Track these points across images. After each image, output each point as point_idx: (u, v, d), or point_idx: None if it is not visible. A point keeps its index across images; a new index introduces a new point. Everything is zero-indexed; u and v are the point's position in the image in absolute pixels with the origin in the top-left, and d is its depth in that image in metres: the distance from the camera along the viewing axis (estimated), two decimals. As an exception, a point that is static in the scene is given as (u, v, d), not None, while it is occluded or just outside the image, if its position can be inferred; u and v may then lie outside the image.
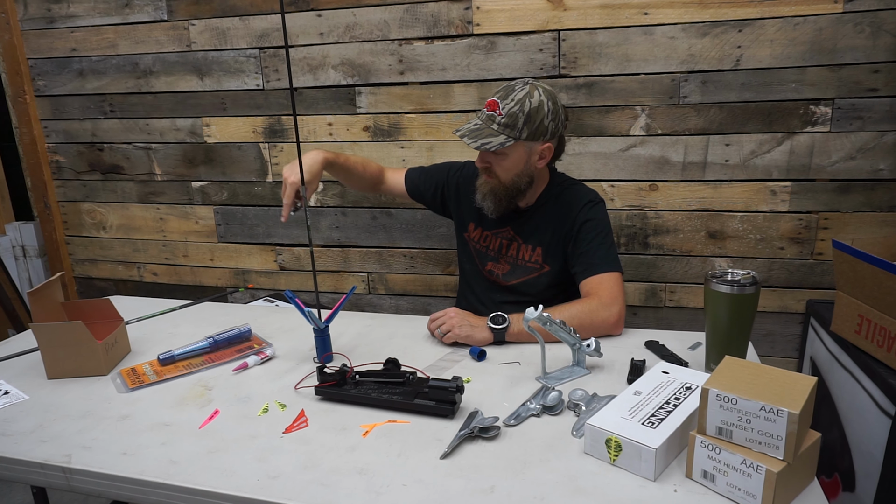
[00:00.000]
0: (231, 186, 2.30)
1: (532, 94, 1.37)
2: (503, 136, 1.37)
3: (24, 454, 1.01)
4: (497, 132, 1.38)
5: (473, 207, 1.56)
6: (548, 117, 1.39)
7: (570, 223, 1.48)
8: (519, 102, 1.36)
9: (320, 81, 2.09)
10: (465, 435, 0.98)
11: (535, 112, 1.37)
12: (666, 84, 1.83)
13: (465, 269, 1.69)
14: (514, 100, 1.37)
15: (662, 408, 0.95)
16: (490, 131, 1.38)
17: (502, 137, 1.37)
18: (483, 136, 1.38)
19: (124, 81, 2.28)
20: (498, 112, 1.37)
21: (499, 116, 1.37)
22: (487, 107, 1.40)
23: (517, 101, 1.36)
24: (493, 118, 1.38)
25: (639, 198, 1.93)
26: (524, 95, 1.37)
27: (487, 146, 1.37)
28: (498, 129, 1.38)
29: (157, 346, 1.41)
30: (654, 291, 1.99)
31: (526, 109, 1.36)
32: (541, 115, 1.38)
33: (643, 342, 1.34)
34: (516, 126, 1.37)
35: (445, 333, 1.34)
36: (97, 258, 2.54)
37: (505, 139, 1.37)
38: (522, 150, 1.41)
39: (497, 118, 1.37)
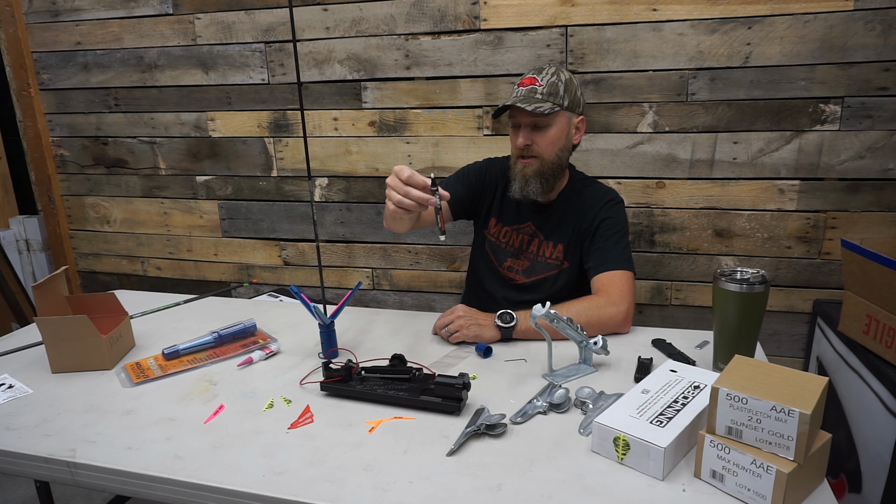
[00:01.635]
0: (236, 181, 2.30)
1: (561, 70, 1.45)
2: (549, 103, 1.40)
3: (28, 448, 1.01)
4: (542, 101, 1.40)
5: (495, 203, 1.58)
6: (578, 90, 1.46)
7: (590, 219, 1.48)
8: (555, 75, 1.42)
9: (326, 76, 2.08)
10: (472, 432, 0.98)
11: (570, 82, 1.43)
12: (674, 81, 1.81)
13: (478, 267, 1.65)
14: (549, 73, 1.42)
15: (671, 406, 0.94)
16: (536, 100, 1.39)
17: (549, 105, 1.39)
18: (533, 103, 1.39)
19: (129, 75, 2.28)
20: (538, 84, 1.41)
21: (540, 87, 1.40)
22: (524, 83, 1.42)
23: (552, 73, 1.42)
24: (534, 91, 1.41)
25: (646, 195, 1.92)
26: (556, 70, 1.44)
27: (541, 109, 1.38)
28: (543, 98, 1.40)
29: (161, 341, 1.41)
30: (660, 289, 1.98)
31: (563, 79, 1.42)
32: (574, 85, 1.45)
33: (650, 340, 1.33)
34: (559, 94, 1.41)
35: (453, 333, 1.32)
36: (101, 252, 2.54)
37: (552, 106, 1.39)
38: (564, 121, 1.44)
39: (538, 89, 1.40)
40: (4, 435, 1.05)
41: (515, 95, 1.43)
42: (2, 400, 1.17)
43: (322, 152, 2.17)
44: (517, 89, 1.43)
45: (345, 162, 2.16)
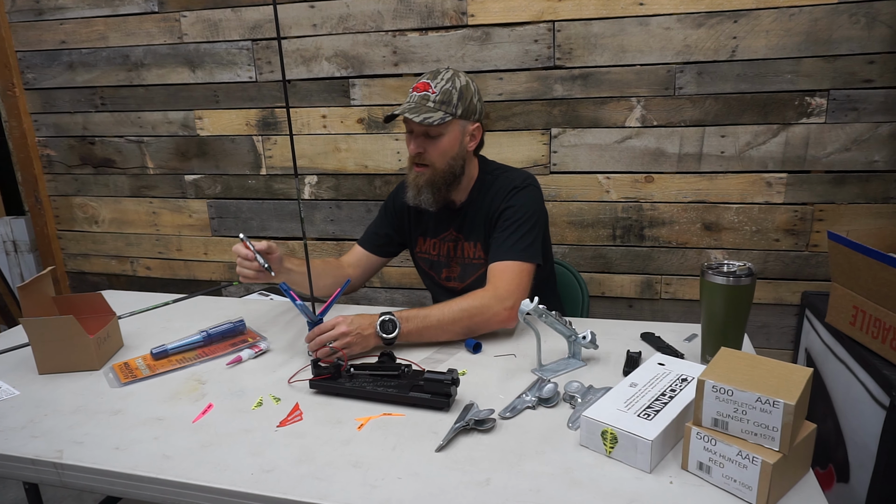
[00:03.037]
0: (224, 180, 2.29)
1: (458, 75, 1.39)
2: (440, 112, 1.34)
3: (14, 450, 1.00)
4: (434, 109, 1.35)
5: (417, 222, 1.54)
6: (475, 96, 1.40)
7: (493, 211, 1.43)
8: (450, 81, 1.36)
9: (314, 73, 2.08)
10: (461, 427, 0.98)
11: (466, 89, 1.37)
12: (661, 75, 1.82)
13: (428, 287, 1.66)
14: (444, 79, 1.36)
15: (658, 399, 0.95)
16: (427, 108, 1.35)
17: (440, 114, 1.34)
18: (423, 113, 1.34)
19: (115, 74, 2.26)
20: (431, 91, 1.35)
21: (433, 94, 1.35)
22: (417, 89, 1.37)
23: (447, 80, 1.36)
24: (427, 97, 1.35)
25: (634, 189, 1.93)
26: (451, 76, 1.37)
27: (430, 120, 1.33)
28: (434, 107, 1.35)
29: (150, 341, 1.40)
30: (649, 283, 1.99)
31: (458, 87, 1.36)
32: (470, 93, 1.38)
33: (639, 334, 1.33)
34: (451, 102, 1.35)
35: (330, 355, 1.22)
36: (90, 253, 2.53)
37: (443, 116, 1.34)
38: (457, 129, 1.39)
39: (431, 97, 1.35)
40: (-10, 437, 1.05)
41: (409, 101, 1.38)
42: (-12, 402, 1.16)
43: (311, 150, 2.16)
44: (411, 94, 1.38)
45: (334, 159, 2.16)
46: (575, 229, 2.01)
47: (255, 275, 1.34)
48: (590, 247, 2.01)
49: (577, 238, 2.01)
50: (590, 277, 2.03)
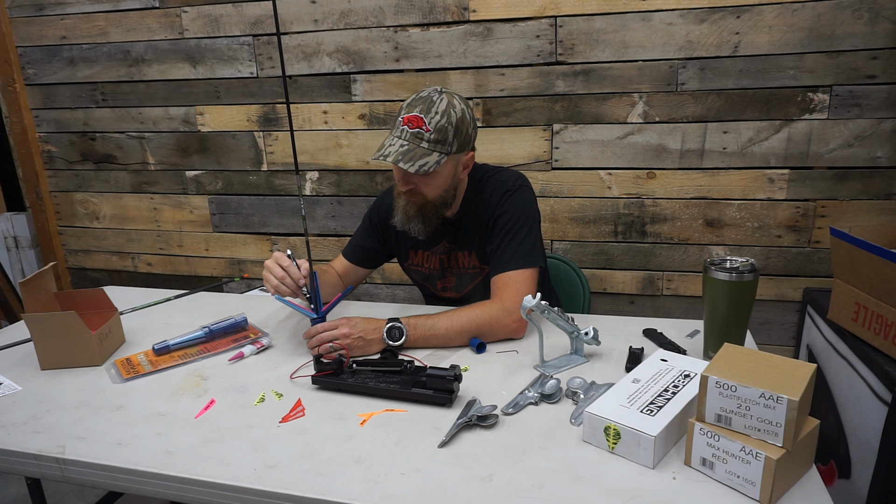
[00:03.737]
0: (226, 176, 2.28)
1: (453, 103, 1.27)
2: (436, 153, 1.25)
3: (17, 445, 1.00)
4: (429, 150, 1.25)
5: (406, 236, 1.45)
6: (470, 126, 1.31)
7: (486, 219, 1.38)
8: (444, 115, 1.25)
9: (315, 69, 2.07)
10: (463, 423, 0.98)
11: (461, 122, 1.27)
12: (664, 71, 1.81)
13: (423, 295, 1.64)
14: (439, 112, 1.25)
15: (661, 395, 0.95)
16: (422, 150, 1.25)
17: (436, 156, 1.25)
18: (418, 158, 1.24)
19: (116, 69, 2.25)
20: (424, 128, 1.24)
21: (427, 133, 1.24)
22: (409, 123, 1.25)
23: (442, 112, 1.25)
24: (421, 135, 1.25)
25: (636, 185, 1.92)
26: (447, 106, 1.26)
27: (426, 168, 1.24)
28: (429, 147, 1.25)
29: (152, 336, 1.40)
30: (651, 280, 1.99)
31: (454, 121, 1.26)
32: (465, 124, 1.29)
33: (641, 330, 1.33)
34: (447, 141, 1.26)
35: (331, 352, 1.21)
36: (91, 249, 2.53)
37: (439, 156, 1.25)
38: (451, 165, 1.31)
39: (425, 135, 1.24)
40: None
41: (399, 135, 1.27)
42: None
43: (312, 146, 2.16)
44: (401, 127, 1.27)
45: (335, 155, 2.15)
46: (576, 225, 2.01)
47: (292, 294, 1.27)
48: (591, 243, 2.01)
49: (579, 234, 2.01)
50: (591, 274, 2.02)
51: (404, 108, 1.29)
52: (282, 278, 1.26)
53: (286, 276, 1.26)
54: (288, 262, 1.27)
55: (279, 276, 1.26)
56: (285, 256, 1.29)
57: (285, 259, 1.28)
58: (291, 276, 1.26)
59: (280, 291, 1.27)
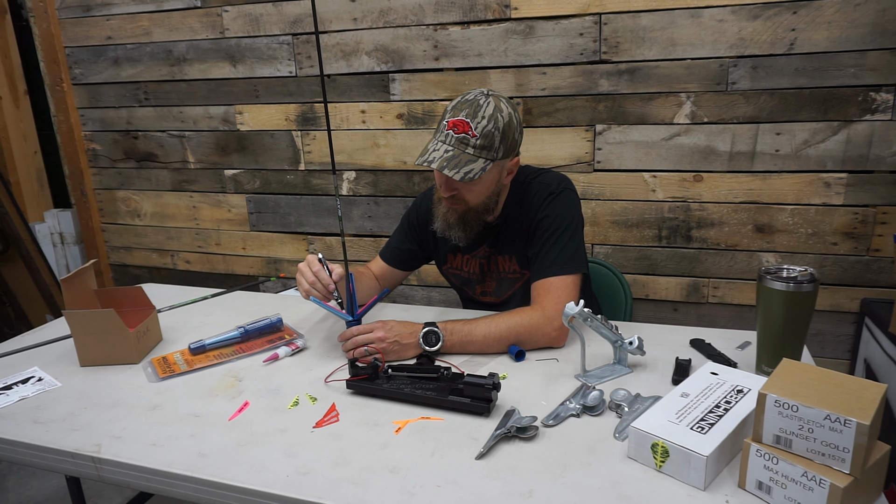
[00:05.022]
0: (263, 175, 2.29)
1: (500, 107, 1.23)
2: (482, 159, 1.22)
3: (55, 443, 1.00)
4: (475, 156, 1.21)
5: (445, 239, 1.41)
6: (517, 130, 1.26)
7: (528, 223, 1.33)
8: (492, 119, 1.21)
9: (353, 68, 2.06)
10: (502, 435, 0.94)
11: (508, 127, 1.23)
12: (713, 70, 1.74)
13: (461, 299, 1.60)
14: (486, 117, 1.21)
15: (712, 412, 0.89)
16: (468, 157, 1.21)
17: (482, 162, 1.21)
18: (463, 165, 1.20)
19: (158, 69, 2.29)
20: (470, 133, 1.20)
21: (472, 138, 1.20)
22: (454, 128, 1.21)
23: (489, 117, 1.21)
24: (467, 141, 1.21)
25: (682, 189, 1.85)
26: (494, 110, 1.21)
27: (471, 175, 1.20)
28: (475, 153, 1.21)
29: (188, 335, 1.40)
30: (696, 287, 1.91)
31: (501, 126, 1.22)
32: (512, 129, 1.24)
33: (688, 340, 1.27)
34: (493, 146, 1.22)
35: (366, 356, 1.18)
36: (132, 246, 2.57)
37: (485, 163, 1.22)
38: (496, 171, 1.27)
39: (471, 140, 1.20)
40: (32, 428, 1.05)
41: (444, 140, 1.23)
42: (31, 393, 1.18)
43: (350, 145, 2.15)
44: (446, 131, 1.23)
45: (372, 155, 2.14)
46: (619, 229, 1.95)
47: (323, 298, 1.25)
48: (634, 247, 1.95)
49: (621, 238, 1.95)
50: (633, 279, 1.96)
51: (449, 112, 1.25)
52: (312, 283, 1.25)
53: (317, 281, 1.24)
54: (318, 267, 1.25)
55: (310, 280, 1.25)
56: (316, 260, 1.27)
57: (316, 263, 1.26)
58: (321, 282, 1.24)
59: (309, 293, 1.26)
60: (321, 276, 1.24)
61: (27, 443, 1.02)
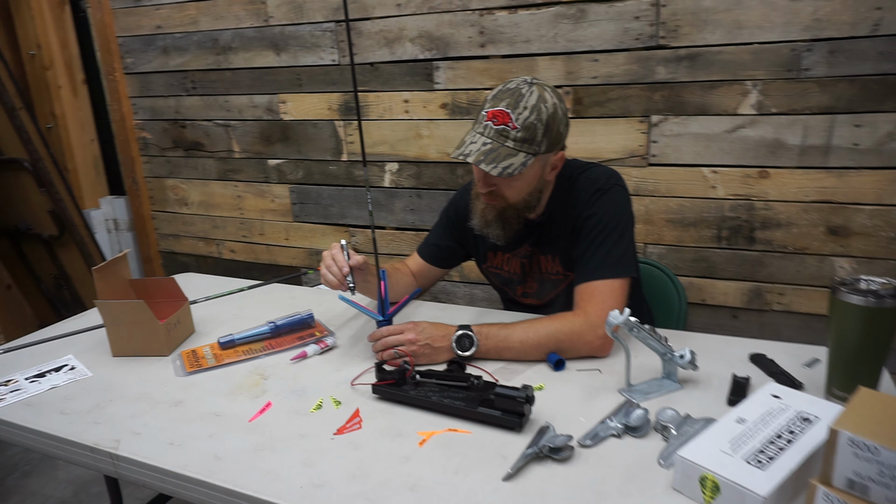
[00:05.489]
0: (306, 165, 2.27)
1: (544, 97, 1.14)
2: (522, 153, 1.13)
3: (77, 435, 1.00)
4: (514, 150, 1.13)
5: (481, 237, 1.34)
6: (562, 123, 1.17)
7: (573, 221, 1.24)
8: (534, 110, 1.12)
9: (397, 56, 2.00)
10: (533, 454, 0.86)
11: (553, 119, 1.14)
12: (784, 55, 1.59)
13: (502, 300, 1.52)
14: (528, 107, 1.12)
15: (773, 443, 0.79)
16: (507, 150, 1.13)
17: (522, 156, 1.13)
18: (502, 159, 1.13)
19: (205, 58, 2.29)
20: (510, 125, 1.12)
21: (513, 130, 1.12)
22: (494, 119, 1.13)
23: (532, 108, 1.12)
24: (506, 133, 1.13)
25: (746, 186, 1.71)
26: (537, 100, 1.13)
27: (510, 170, 1.12)
28: (515, 147, 1.13)
29: (221, 328, 1.38)
30: (758, 292, 1.77)
31: (544, 118, 1.13)
32: (557, 121, 1.15)
33: (747, 355, 1.15)
34: (535, 140, 1.13)
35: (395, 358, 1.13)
36: (180, 234, 2.60)
37: (526, 157, 1.13)
38: (538, 166, 1.18)
39: (511, 132, 1.12)
40: (58, 419, 1.05)
41: (482, 132, 1.15)
42: (62, 381, 1.18)
43: (392, 136, 2.09)
44: (484, 123, 1.15)
45: (415, 146, 2.07)
46: (674, 228, 1.82)
47: (338, 284, 1.20)
48: (690, 248, 1.82)
49: (677, 238, 1.82)
50: (689, 282, 1.83)
51: (489, 101, 1.17)
52: (328, 266, 1.21)
53: (333, 263, 1.20)
54: (337, 251, 1.22)
55: (327, 264, 1.22)
56: (338, 245, 1.24)
57: (336, 247, 1.23)
58: (336, 264, 1.20)
59: (326, 280, 1.22)
60: (337, 258, 1.21)
61: (50, 434, 1.02)
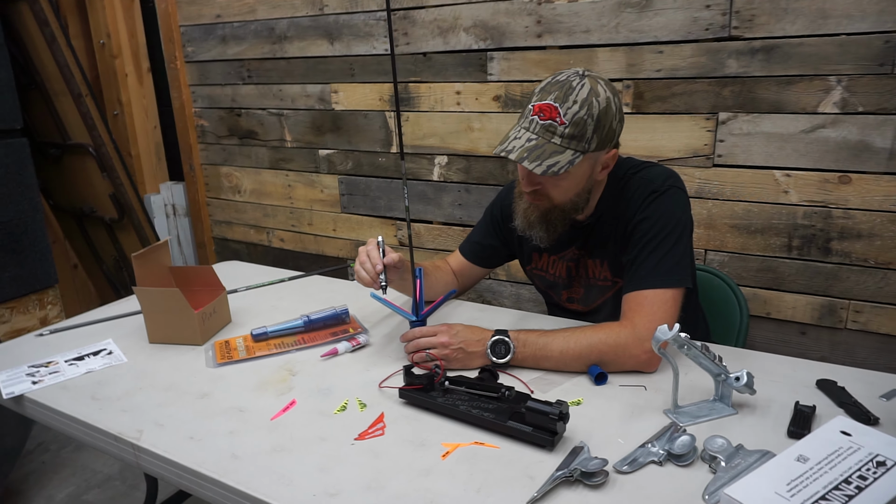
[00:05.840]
0: (356, 156, 2.24)
1: (596, 90, 1.06)
2: (570, 150, 1.06)
3: (104, 423, 1.00)
4: (561, 147, 1.06)
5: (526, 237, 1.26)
6: (615, 119, 1.09)
7: (624, 224, 1.16)
8: (585, 104, 1.04)
9: (450, 45, 1.94)
10: (563, 477, 0.79)
11: (605, 114, 1.06)
12: (876, 47, 1.43)
13: (546, 303, 1.44)
14: (578, 101, 1.04)
15: (839, 488, 0.69)
16: (553, 147, 1.06)
17: (569, 154, 1.06)
18: (547, 157, 1.05)
19: (261, 47, 2.30)
20: (558, 120, 1.05)
21: (560, 126, 1.05)
22: (540, 113, 1.06)
23: (582, 102, 1.04)
24: (553, 128, 1.05)
25: (823, 192, 1.56)
26: (588, 94, 1.05)
27: (555, 169, 1.05)
28: (562, 144, 1.06)
29: (257, 319, 1.37)
30: (832, 308, 1.61)
31: (595, 113, 1.05)
32: (609, 117, 1.07)
33: (814, 380, 1.03)
34: (584, 137, 1.06)
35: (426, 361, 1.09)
36: (232, 221, 2.64)
37: (573, 155, 1.06)
38: (587, 165, 1.11)
39: (558, 128, 1.05)
40: (89, 404, 1.06)
41: (527, 126, 1.08)
42: (99, 366, 1.19)
43: (443, 128, 2.04)
44: (531, 116, 1.08)
45: (466, 139, 2.01)
46: (739, 235, 1.68)
47: (370, 281, 1.15)
48: (756, 257, 1.68)
49: (741, 245, 1.69)
50: (753, 294, 1.69)
51: (536, 94, 1.09)
52: (362, 262, 1.17)
53: (367, 260, 1.16)
54: (372, 247, 1.17)
55: (361, 260, 1.17)
56: (374, 241, 1.19)
57: (372, 243, 1.19)
58: (371, 260, 1.15)
59: (359, 277, 1.18)
60: (372, 254, 1.16)
61: (79, 419, 1.03)
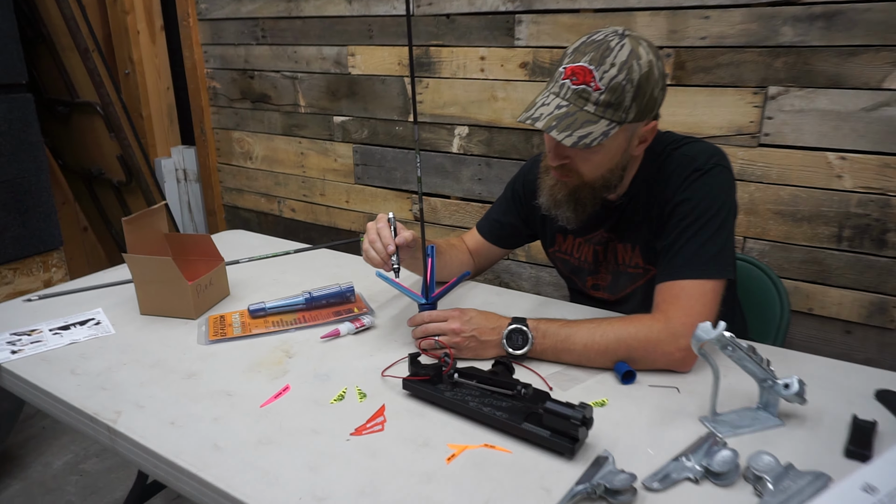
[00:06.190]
0: (372, 124, 2.13)
1: (637, 52, 0.93)
2: (604, 120, 0.94)
3: (80, 401, 0.92)
4: (595, 116, 0.94)
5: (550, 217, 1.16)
6: (658, 86, 0.97)
7: (661, 205, 1.04)
8: (624, 68, 0.92)
9: (476, 7, 1.80)
10: (584, 492, 0.69)
11: (646, 80, 0.94)
12: (954, 17, 1.27)
13: (569, 290, 1.33)
14: (616, 64, 0.92)
15: (918, 528, 0.57)
16: (586, 116, 0.94)
17: (604, 124, 0.94)
18: (578, 127, 0.94)
19: (276, 4, 2.19)
20: (593, 85, 0.93)
21: (595, 92, 0.93)
22: (573, 76, 0.94)
23: (621, 65, 0.92)
24: (587, 94, 0.94)
25: (882, 177, 1.42)
26: (628, 56, 0.93)
27: (587, 141, 0.94)
28: (596, 112, 0.94)
29: (257, 293, 1.28)
30: (883, 307, 1.48)
31: (635, 78, 0.93)
32: (651, 83, 0.95)
33: (871, 389, 0.91)
34: (622, 105, 0.94)
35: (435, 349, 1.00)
36: (243, 188, 2.56)
37: (608, 125, 0.94)
38: (623, 138, 0.99)
39: (592, 94, 0.93)
40: (67, 379, 0.99)
41: (557, 92, 0.96)
42: (84, 337, 1.12)
43: (465, 97, 1.91)
44: (561, 81, 0.96)
45: (489, 109, 1.89)
46: (783, 222, 1.55)
47: (380, 262, 1.05)
48: (801, 247, 1.54)
49: (785, 234, 1.55)
50: (794, 287, 1.56)
51: (569, 55, 0.97)
52: (372, 241, 1.06)
53: (377, 239, 1.05)
54: (383, 224, 1.07)
55: (371, 238, 1.07)
56: (385, 217, 1.09)
57: (383, 220, 1.08)
58: (381, 240, 1.05)
59: (368, 257, 1.07)
60: (383, 233, 1.05)
61: (54, 394, 0.95)
